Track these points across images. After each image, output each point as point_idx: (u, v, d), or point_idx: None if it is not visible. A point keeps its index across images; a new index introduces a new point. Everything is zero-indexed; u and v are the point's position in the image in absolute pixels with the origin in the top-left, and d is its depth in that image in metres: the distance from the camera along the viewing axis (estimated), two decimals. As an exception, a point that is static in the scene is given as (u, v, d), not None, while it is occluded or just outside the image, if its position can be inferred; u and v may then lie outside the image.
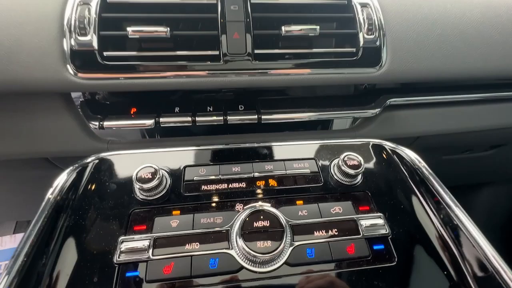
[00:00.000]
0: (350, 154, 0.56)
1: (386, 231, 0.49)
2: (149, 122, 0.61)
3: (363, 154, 0.60)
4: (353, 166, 0.55)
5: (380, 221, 0.50)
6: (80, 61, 0.55)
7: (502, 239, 1.49)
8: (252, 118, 0.64)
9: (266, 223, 0.46)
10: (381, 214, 0.52)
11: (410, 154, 0.62)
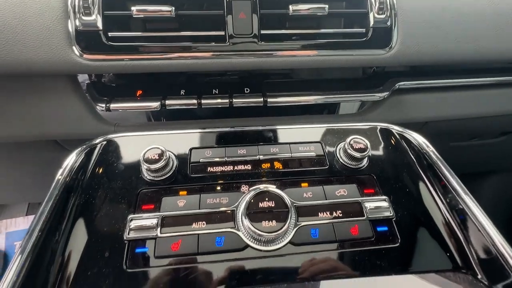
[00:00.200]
0: (356, 137, 0.56)
1: (390, 214, 0.50)
2: (155, 104, 0.61)
3: (370, 138, 0.60)
4: (359, 149, 0.54)
5: (384, 203, 0.50)
6: (85, 42, 0.55)
7: (509, 227, 1.49)
8: (257, 101, 0.64)
9: (271, 204, 0.47)
10: (385, 197, 0.52)
11: (418, 138, 0.61)
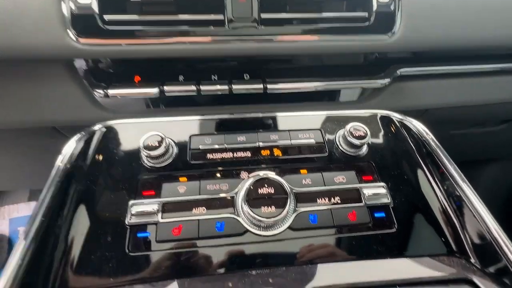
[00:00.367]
0: (356, 124, 0.56)
1: (388, 200, 0.50)
2: (153, 90, 0.61)
3: (370, 125, 0.60)
4: (358, 137, 0.54)
5: (382, 190, 0.51)
6: (81, 25, 0.54)
7: (506, 214, 1.51)
8: (257, 87, 0.63)
9: (270, 190, 0.47)
10: (384, 184, 0.52)
11: (417, 126, 0.61)
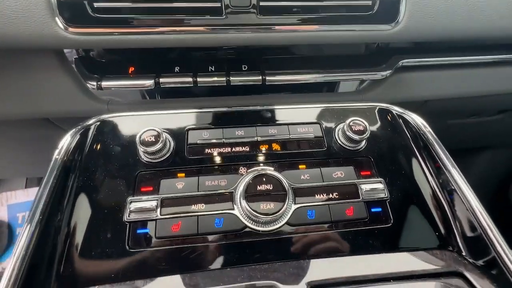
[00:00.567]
0: (356, 119, 0.55)
1: (385, 195, 0.51)
2: (148, 82, 0.59)
3: (369, 119, 0.59)
4: (358, 132, 0.54)
5: (380, 185, 0.51)
6: (69, 13, 0.50)
7: (496, 201, 1.56)
8: (256, 79, 0.61)
9: (269, 187, 0.48)
10: (381, 179, 0.53)
11: (417, 120, 0.61)
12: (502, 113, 1.04)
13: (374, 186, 0.51)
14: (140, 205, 0.47)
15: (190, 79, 0.59)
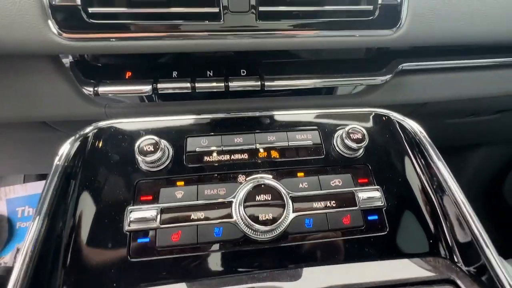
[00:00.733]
0: (354, 127, 0.55)
1: (381, 203, 0.52)
2: (146, 88, 0.58)
3: (368, 126, 0.59)
4: (356, 140, 0.54)
5: (377, 194, 0.52)
6: (63, 18, 0.49)
7: (489, 198, 1.59)
8: (254, 84, 0.61)
9: (267, 196, 0.48)
10: (378, 187, 0.53)
11: (414, 127, 0.61)
12: (499, 112, 1.05)
13: (371, 195, 0.52)
14: (139, 214, 0.47)
15: (188, 85, 0.59)
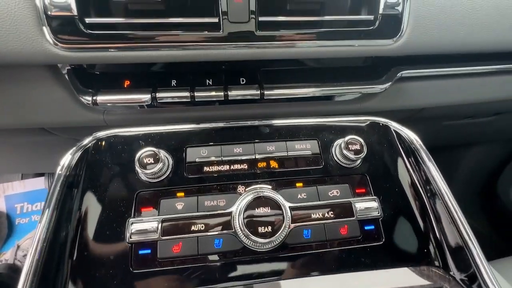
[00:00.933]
0: (353, 137, 0.56)
1: (378, 214, 0.53)
2: (145, 97, 0.58)
3: (365, 136, 0.60)
4: (355, 151, 0.55)
5: (374, 204, 0.53)
6: (59, 29, 0.48)
7: (484, 196, 1.63)
8: (254, 93, 0.61)
9: (267, 209, 0.49)
10: (375, 198, 0.54)
11: (411, 136, 0.62)
12: (495, 115, 1.06)
13: (368, 205, 0.53)
14: (140, 226, 0.48)
15: (187, 94, 0.59)
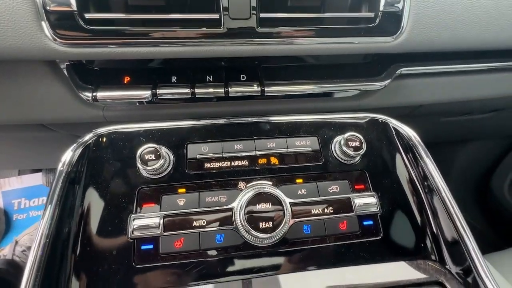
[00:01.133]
0: (353, 134, 0.56)
1: (376, 209, 0.54)
2: (146, 93, 0.57)
3: (365, 132, 0.60)
4: (354, 147, 0.55)
5: (373, 200, 0.54)
6: (58, 24, 0.48)
7: (479, 191, 1.65)
8: (254, 90, 0.61)
9: (267, 205, 0.50)
10: (374, 193, 0.55)
11: (410, 133, 0.62)
12: (493, 111, 1.07)
13: (367, 201, 0.54)
14: (142, 222, 0.49)
15: (188, 90, 0.58)
